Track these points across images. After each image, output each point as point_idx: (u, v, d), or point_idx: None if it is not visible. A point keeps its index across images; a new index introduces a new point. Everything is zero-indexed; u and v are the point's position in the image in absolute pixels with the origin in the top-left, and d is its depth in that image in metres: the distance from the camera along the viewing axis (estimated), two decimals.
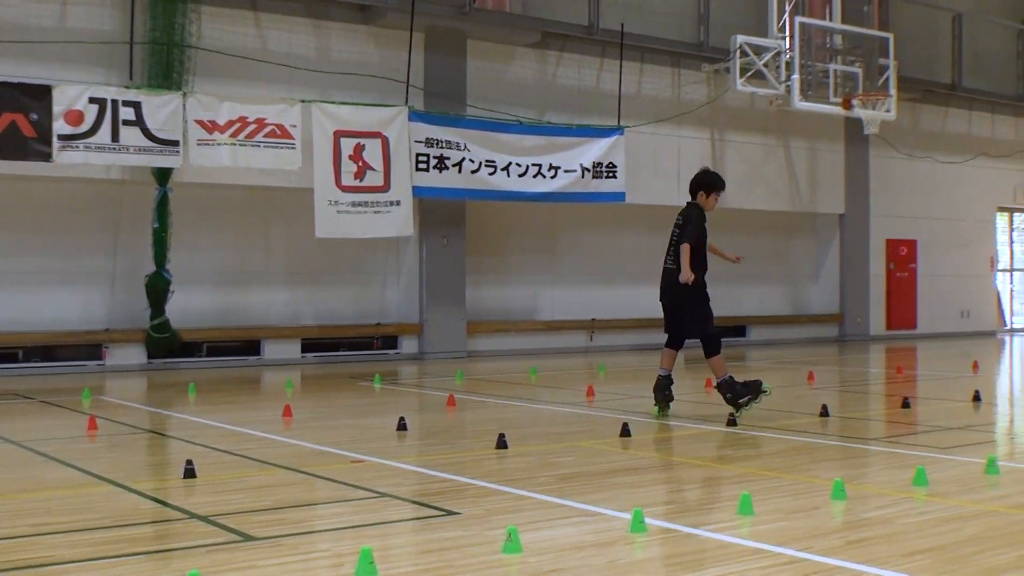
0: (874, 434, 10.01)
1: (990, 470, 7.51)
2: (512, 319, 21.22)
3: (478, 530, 5.83)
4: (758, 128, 23.88)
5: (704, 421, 10.65)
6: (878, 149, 26.12)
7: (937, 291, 27.66)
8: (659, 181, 22.26)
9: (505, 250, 21.32)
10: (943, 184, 27.78)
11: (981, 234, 28.89)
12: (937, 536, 5.68)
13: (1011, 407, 12.58)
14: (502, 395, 13.41)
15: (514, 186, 19.45)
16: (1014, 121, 29.53)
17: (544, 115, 20.71)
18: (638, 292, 22.89)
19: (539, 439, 9.46)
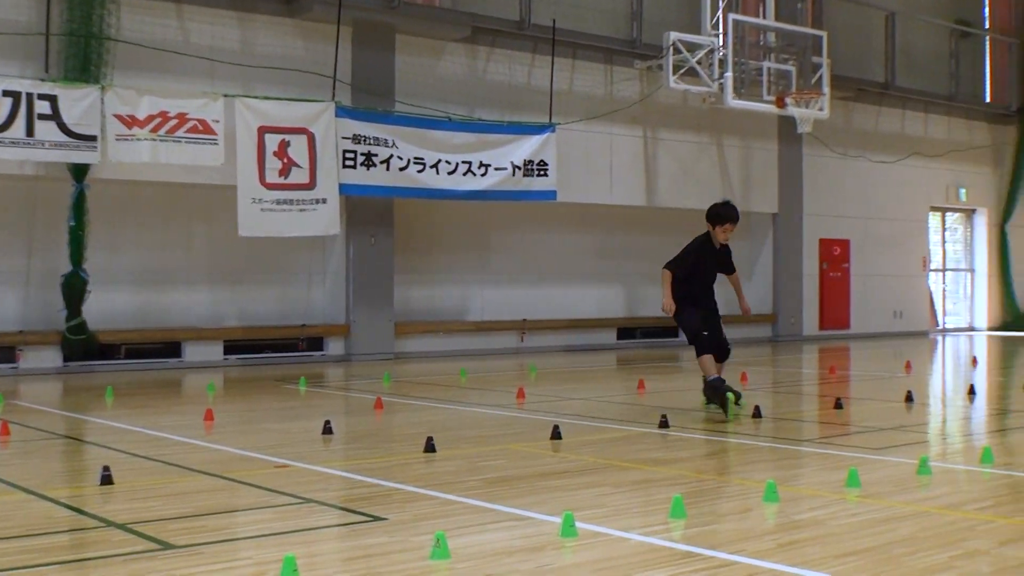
0: (807, 435, 10.10)
1: (922, 471, 7.62)
2: (441, 320, 21.19)
3: (405, 536, 5.81)
4: (691, 126, 24.05)
5: (636, 423, 10.69)
6: (811, 148, 26.42)
7: (870, 291, 28.04)
8: (591, 179, 22.36)
9: (434, 249, 21.29)
10: (876, 183, 28.16)
11: (914, 234, 29.32)
12: (869, 537, 5.74)
13: (943, 407, 12.76)
14: (431, 397, 13.37)
15: (444, 184, 19.43)
16: (946, 120, 30.00)
17: (474, 112, 20.70)
18: (570, 292, 22.97)
19: (468, 442, 9.45)
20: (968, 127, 30.59)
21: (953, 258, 31.63)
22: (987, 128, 31.18)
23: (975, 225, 31.70)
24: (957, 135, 30.25)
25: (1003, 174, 31.59)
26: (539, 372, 17.13)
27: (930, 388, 15.30)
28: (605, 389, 15.01)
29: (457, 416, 11.60)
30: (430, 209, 20.91)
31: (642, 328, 24.10)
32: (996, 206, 31.52)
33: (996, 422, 11.25)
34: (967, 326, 31.56)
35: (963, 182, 30.50)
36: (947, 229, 31.36)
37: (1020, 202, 31.62)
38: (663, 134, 23.60)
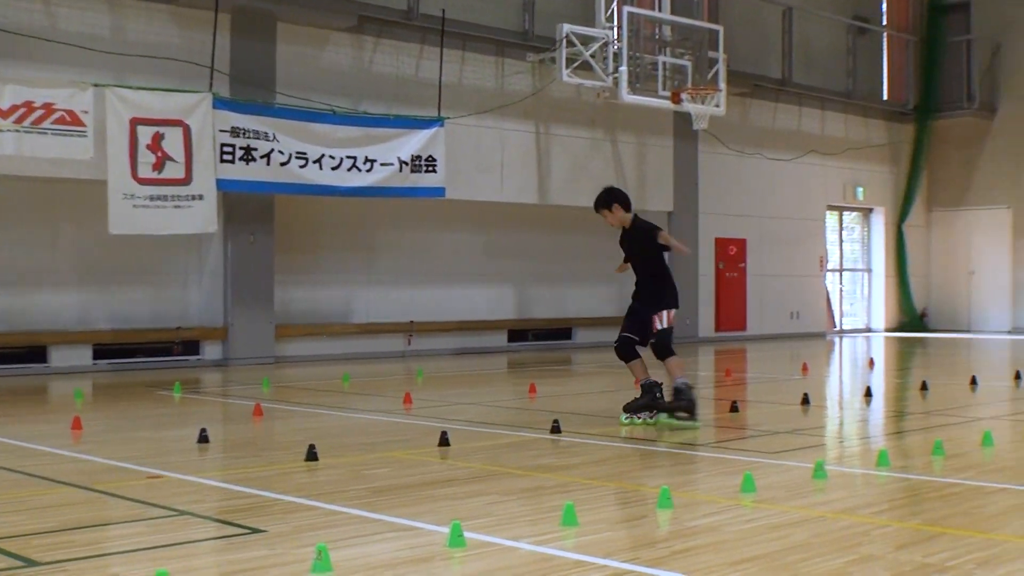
0: (702, 439, 10.23)
1: (818, 475, 7.76)
2: (324, 322, 21.06)
3: (285, 549, 5.76)
4: (584, 121, 24.20)
5: (527, 428, 10.72)
6: (707, 145, 26.76)
7: (767, 292, 28.48)
8: (481, 176, 22.39)
9: (317, 248, 21.15)
10: (773, 182, 28.61)
11: (811, 233, 29.84)
12: (764, 544, 5.83)
13: (840, 410, 13.01)
14: (313, 403, 13.29)
15: (327, 180, 19.31)
16: (843, 118, 30.59)
17: (360, 104, 20.61)
18: (459, 293, 22.98)
19: (352, 450, 9.41)
20: (865, 125, 31.24)
21: (850, 258, 32.25)
22: (884, 126, 31.87)
23: (872, 224, 32.37)
24: (854, 133, 30.87)
25: (900, 173, 32.32)
26: (427, 376, 17.11)
27: (827, 390, 15.59)
28: (495, 393, 15.04)
29: (340, 423, 11.54)
30: (313, 206, 20.77)
31: (534, 330, 24.21)
32: (893, 205, 32.23)
33: (893, 424, 11.50)
34: (864, 327, 32.21)
35: (860, 181, 31.14)
36: (844, 228, 31.96)
37: (917, 201, 32.39)
38: (556, 129, 23.73)
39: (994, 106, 31.73)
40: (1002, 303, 31.53)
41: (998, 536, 6.00)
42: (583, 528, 6.20)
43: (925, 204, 32.86)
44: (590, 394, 14.55)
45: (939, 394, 14.11)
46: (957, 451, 9.06)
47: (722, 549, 5.72)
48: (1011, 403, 13.50)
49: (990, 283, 31.78)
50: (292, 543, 5.88)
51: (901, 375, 18.16)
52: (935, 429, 10.58)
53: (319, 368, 18.94)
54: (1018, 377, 15.95)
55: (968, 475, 7.94)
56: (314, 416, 12.06)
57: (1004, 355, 22.75)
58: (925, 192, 32.76)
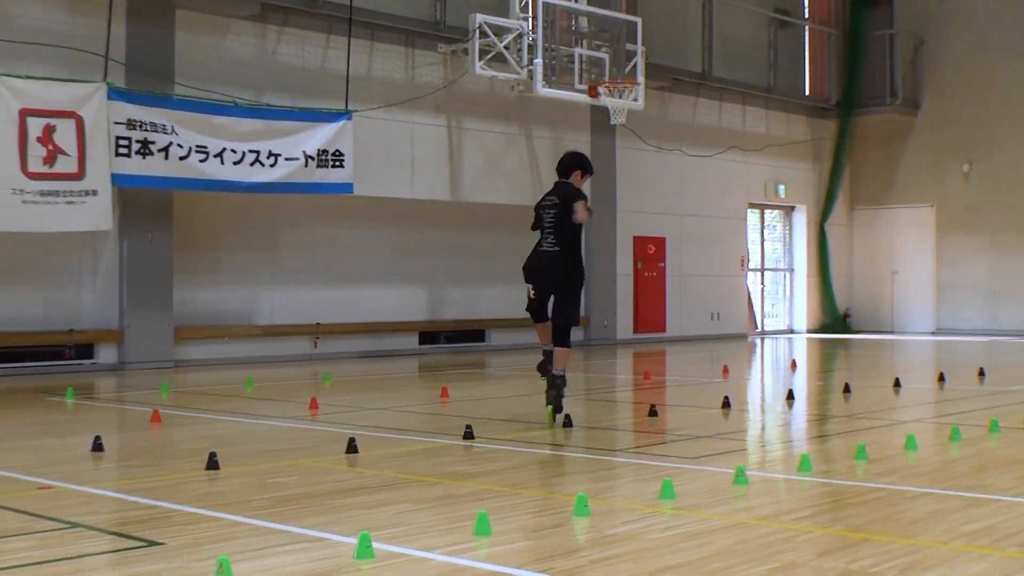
0: (620, 445, 10.28)
1: (739, 480, 7.83)
2: (226, 324, 20.89)
3: (184, 562, 5.71)
4: (499, 115, 24.23)
5: (439, 434, 10.72)
6: (625, 140, 26.91)
7: (687, 292, 28.71)
8: (391, 171, 22.34)
9: (219, 247, 20.96)
10: (693, 179, 28.84)
11: (732, 232, 30.13)
12: (684, 552, 5.87)
13: (762, 413, 13.15)
14: (214, 409, 13.18)
15: (229, 175, 19.15)
16: (765, 114, 30.92)
17: (263, 96, 20.47)
18: (368, 293, 22.89)
19: (255, 458, 9.34)
20: (787, 121, 31.60)
21: (772, 257, 32.60)
22: (806, 122, 32.26)
23: (794, 223, 32.76)
24: (776, 129, 31.22)
25: (822, 170, 32.73)
26: (334, 380, 17.04)
27: (748, 393, 15.74)
28: (406, 398, 15.01)
29: (243, 430, 11.46)
30: (214, 203, 20.59)
31: (446, 332, 24.20)
32: (816, 203, 32.63)
33: (815, 428, 11.65)
34: (786, 328, 32.58)
35: (782, 178, 31.50)
36: (766, 227, 32.30)
37: (839, 199, 32.83)
38: (469, 124, 23.73)
39: (917, 102, 32.25)
40: (925, 304, 32.08)
41: (920, 541, 6.10)
42: (497, 537, 6.20)
43: (848, 202, 33.34)
44: (504, 398, 14.58)
45: (862, 397, 14.31)
46: (880, 455, 9.19)
47: (641, 558, 5.75)
48: (934, 406, 13.74)
49: (913, 283, 32.32)
50: (192, 556, 5.82)
51: (824, 377, 18.40)
52: (858, 433, 10.72)
53: (221, 372, 18.79)
54: (941, 379, 16.23)
55: (891, 479, 8.06)
56: (215, 423, 11.96)
57: (928, 357, 23.15)
58: (848, 190, 33.24)
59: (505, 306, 25.01)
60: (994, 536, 6.24)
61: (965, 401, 13.93)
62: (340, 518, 6.79)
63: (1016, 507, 7.10)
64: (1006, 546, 6.01)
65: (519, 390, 15.20)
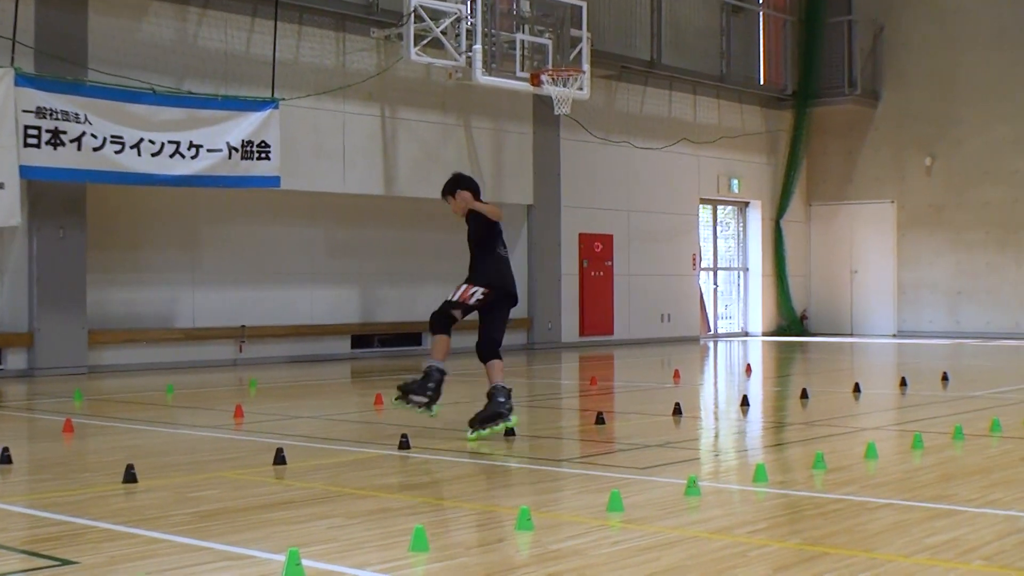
0: (566, 454, 10.30)
1: (690, 491, 7.87)
2: (145, 327, 20.75)
3: None
4: (435, 105, 24.21)
5: (373, 444, 10.70)
6: (570, 132, 26.97)
7: (636, 292, 28.79)
8: (321, 164, 22.26)
9: (137, 244, 20.82)
10: (642, 172, 28.94)
11: (683, 229, 30.24)
12: (633, 567, 5.89)
13: (715, 420, 13.22)
14: (132, 418, 13.09)
15: (147, 167, 19.03)
16: (717, 104, 31.07)
17: (184, 83, 20.34)
18: (296, 294, 22.81)
19: (176, 470, 9.29)
20: (740, 112, 31.78)
21: (726, 256, 32.78)
22: (761, 113, 32.45)
23: (748, 220, 32.94)
24: (729, 120, 31.40)
25: (778, 164, 32.92)
26: (260, 387, 16.98)
27: (701, 400, 15.83)
28: (337, 406, 14.98)
29: (163, 440, 11.39)
30: (131, 197, 20.45)
31: (380, 335, 24.16)
32: (771, 199, 32.83)
33: (771, 436, 11.73)
34: (741, 330, 32.77)
35: (735, 172, 31.69)
36: (719, 224, 32.48)
37: (796, 195, 33.02)
38: (404, 113, 23.71)
39: (877, 93, 32.55)
40: (886, 305, 32.37)
41: (881, 555, 6.15)
42: (435, 553, 6.20)
43: (804, 198, 33.57)
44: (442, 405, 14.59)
45: (820, 403, 14.42)
46: (839, 464, 9.26)
47: (588, 574, 5.77)
48: (896, 412, 13.87)
49: (873, 283, 32.60)
50: (107, 575, 5.78)
51: (780, 383, 18.52)
52: (816, 441, 10.81)
53: (139, 379, 18.66)
54: (903, 384, 16.38)
55: (850, 490, 8.13)
56: (133, 433, 11.89)
57: (889, 360, 23.37)
58: (804, 185, 33.47)
59: None
60: (959, 549, 6.30)
61: (928, 407, 14.07)
62: (267, 534, 6.76)
63: (981, 518, 7.18)
64: (971, 559, 6.07)
65: (458, 397, 15.17)
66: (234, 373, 19.85)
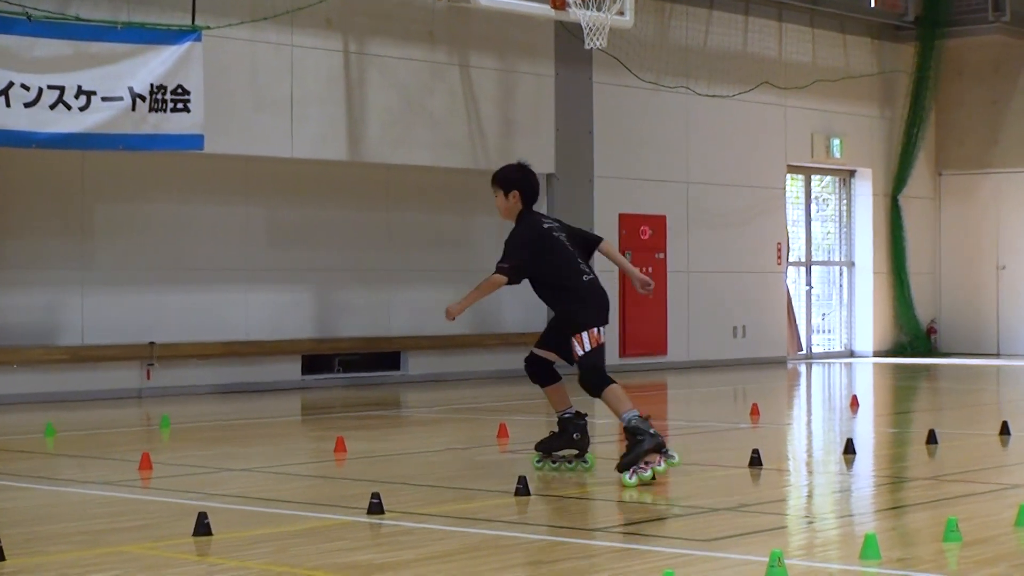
0: (602, 521, 10.29)
1: (774, 572, 7.85)
2: (15, 343, 20.77)
3: None
4: (420, 36, 24.14)
5: (332, 507, 10.70)
6: (607, 73, 26.88)
7: (698, 296, 28.68)
8: (261, 118, 22.20)
9: (5, 230, 20.85)
10: (706, 129, 28.81)
11: (764, 208, 30.08)
12: None
13: (809, 474, 13.19)
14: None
15: (17, 122, 19.03)
16: (810, 34, 30.91)
17: (69, 7, 20.34)
18: (225, 299, 22.78)
19: (59, 542, 9.28)
20: (843, 45, 31.61)
21: (823, 246, 32.66)
22: (871, 47, 32.26)
23: (855, 195, 32.80)
24: (827, 57, 31.22)
25: (895, 118, 32.75)
26: (176, 427, 16.98)
27: (789, 445, 15.80)
28: (283, 454, 14.98)
29: (41, 501, 11.41)
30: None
31: (343, 356, 24.08)
32: (885, 166, 32.65)
33: (886, 496, 11.70)
34: (844, 349, 32.64)
35: (836, 129, 31.56)
36: (814, 200, 32.37)
37: (920, 160, 32.77)
38: (376, 47, 23.64)
39: None
40: None
41: None
42: None
43: (932, 165, 33.41)
44: (427, 453, 14.58)
45: (954, 450, 14.38)
46: (980, 535, 9.24)
47: None
48: None
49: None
50: None
51: (899, 421, 18.49)
52: (948, 502, 10.79)
53: (6, 415, 18.71)
54: None
55: (997, 572, 8.11)
56: (2, 490, 11.90)
57: None
58: (932, 147, 33.31)
59: (429, 317, 24.94)
60: None
61: None
62: None
63: None
64: None
65: (448, 441, 15.21)
66: (139, 408, 19.87)
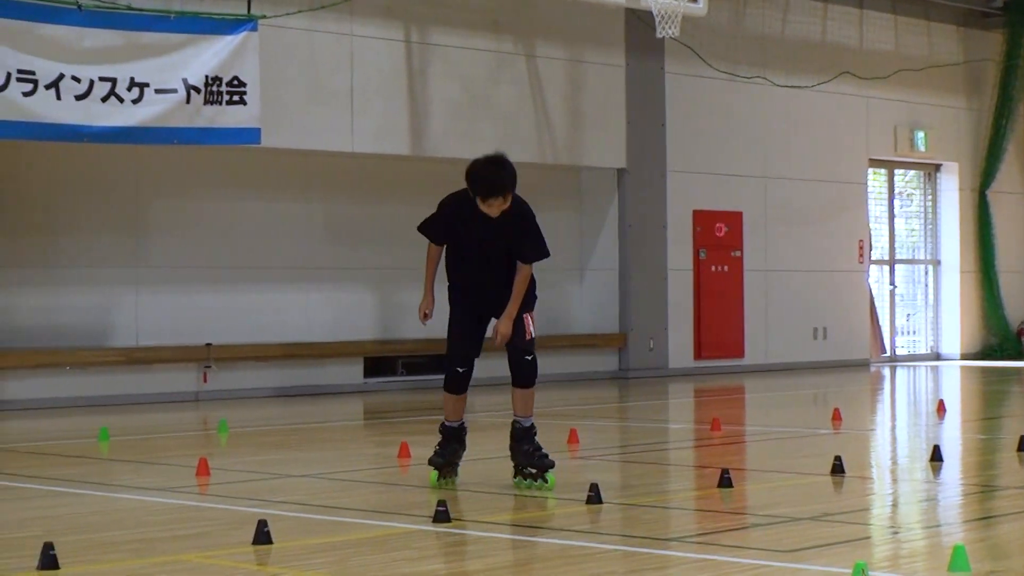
0: (675, 531, 10.28)
1: None
2: (67, 345, 20.85)
3: None
4: (483, 25, 24.14)
5: (396, 515, 10.72)
6: (680, 63, 26.83)
7: (777, 296, 28.61)
8: (319, 111, 22.25)
9: (55, 227, 20.94)
10: (784, 122, 28.73)
11: (845, 203, 29.98)
12: None
13: (893, 482, 13.15)
14: (50, 477, 13.18)
15: (69, 116, 19.11)
16: (892, 21, 30.77)
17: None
18: (285, 299, 22.83)
19: (114, 551, 9.32)
20: (927, 32, 31.48)
21: (907, 243, 32.54)
22: (957, 34, 32.12)
23: (940, 190, 32.67)
24: (911, 45, 31.08)
25: (982, 109, 32.59)
26: (234, 432, 17.04)
27: (872, 452, 15.75)
28: (344, 459, 15.01)
29: (95, 508, 11.46)
30: (47, 159, 20.59)
31: (405, 358, 24.10)
32: (973, 159, 32.50)
33: (976, 505, 11.65)
34: (930, 351, 32.51)
35: (921, 121, 31.43)
36: (897, 195, 32.25)
37: (1009, 154, 32.57)
38: (437, 37, 23.66)
39: None
40: None
41: None
42: None
43: (1022, 158, 33.21)
44: (494, 459, 14.58)
45: None
46: None
47: None
48: None
49: None
50: None
51: (988, 427, 18.40)
52: None
53: (60, 419, 18.79)
54: None
55: None
56: (52, 497, 11.96)
57: None
58: (1021, 139, 33.08)
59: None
60: None
61: None
62: None
63: None
64: None
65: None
66: (196, 411, 19.93)
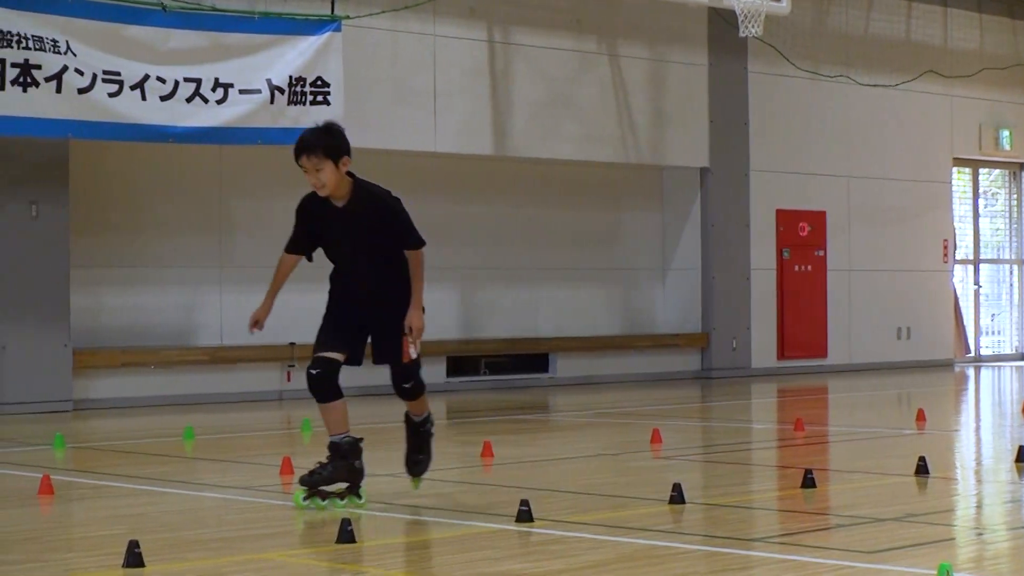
0: (759, 531, 10.25)
1: None
2: (152, 345, 20.94)
3: None
4: (566, 24, 24.12)
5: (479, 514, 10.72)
6: (763, 63, 26.75)
7: (860, 296, 28.48)
8: (402, 111, 22.30)
9: (138, 228, 21.03)
10: (867, 121, 28.61)
11: (930, 203, 29.83)
12: None
13: (978, 483, 13.07)
14: (135, 475, 13.23)
15: (153, 116, 19.18)
16: (978, 20, 30.59)
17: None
18: None
19: (198, 549, 9.36)
20: (1012, 30, 31.27)
21: (992, 243, 32.33)
22: None
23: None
24: (996, 44, 30.88)
25: None
26: (317, 431, 17.08)
27: (957, 453, 15.66)
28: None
29: (179, 507, 11.51)
30: (131, 158, 20.68)
31: (488, 358, 24.10)
32: None
33: None
34: (1016, 352, 32.32)
35: (1006, 120, 31.23)
36: (982, 195, 32.06)
37: None
38: (520, 36, 23.65)
39: None
40: None
41: None
42: None
43: None
44: (578, 459, 14.57)
45: None
46: None
47: None
48: None
49: None
50: None
51: None
52: None
53: (145, 418, 18.88)
54: None
55: None
56: (137, 496, 12.01)
57: None
58: None
59: (578, 319, 24.99)
60: None
61: None
62: None
63: None
64: None
65: (602, 446, 15.19)
66: (279, 411, 19.99)
